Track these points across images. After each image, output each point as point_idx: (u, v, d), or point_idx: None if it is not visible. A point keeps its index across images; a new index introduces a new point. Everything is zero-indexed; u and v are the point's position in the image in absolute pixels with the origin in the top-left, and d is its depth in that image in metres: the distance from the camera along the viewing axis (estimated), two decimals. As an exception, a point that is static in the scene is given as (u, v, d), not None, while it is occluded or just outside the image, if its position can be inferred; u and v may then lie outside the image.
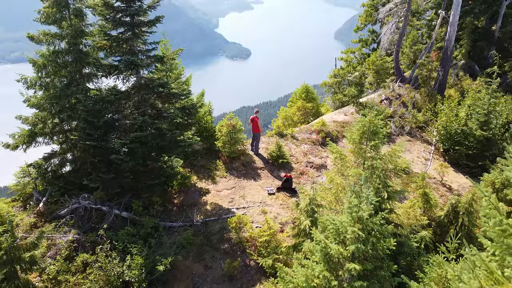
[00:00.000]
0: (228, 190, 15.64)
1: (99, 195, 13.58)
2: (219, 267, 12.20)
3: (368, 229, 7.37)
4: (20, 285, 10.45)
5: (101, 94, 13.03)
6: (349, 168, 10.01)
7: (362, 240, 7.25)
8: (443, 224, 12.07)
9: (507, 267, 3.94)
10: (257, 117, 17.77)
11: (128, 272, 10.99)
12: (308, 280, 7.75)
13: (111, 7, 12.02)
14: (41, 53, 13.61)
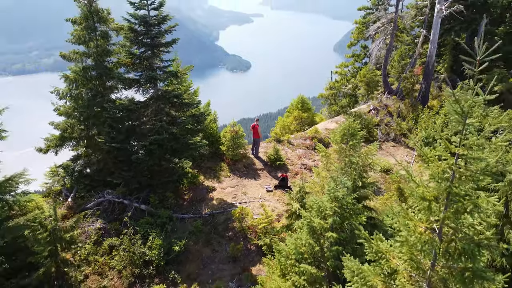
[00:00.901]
0: (231, 187, 17.86)
1: (121, 190, 15.80)
2: (225, 250, 14.35)
3: (343, 206, 9.55)
4: (60, 262, 12.60)
5: (125, 103, 15.31)
6: (332, 163, 12.24)
7: (338, 214, 9.43)
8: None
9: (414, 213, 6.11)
10: (257, 124, 20.10)
11: (149, 252, 13.15)
12: (297, 247, 9.91)
13: (135, 31, 14.39)
14: (73, 69, 15.85)
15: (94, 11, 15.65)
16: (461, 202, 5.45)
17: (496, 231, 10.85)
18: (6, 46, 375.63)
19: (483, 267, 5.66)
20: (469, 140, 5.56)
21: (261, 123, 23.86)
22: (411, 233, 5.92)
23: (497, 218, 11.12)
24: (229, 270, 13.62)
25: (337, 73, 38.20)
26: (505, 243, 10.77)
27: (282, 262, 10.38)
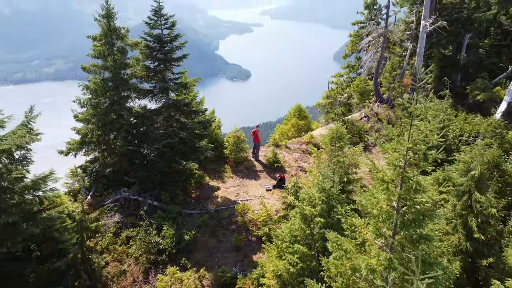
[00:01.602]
0: (234, 187, 19.75)
1: (136, 188, 17.67)
2: (229, 241, 16.20)
3: (330, 196, 11.42)
4: (85, 249, 14.45)
5: (140, 111, 17.27)
6: (323, 163, 14.15)
7: (325, 203, 11.31)
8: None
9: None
10: (257, 130, 22.06)
11: (163, 241, 14.99)
12: (291, 232, 11.77)
13: (150, 47, 16.40)
14: (94, 80, 17.79)
15: (113, 29, 17.65)
16: (410, 182, 7.33)
17: (462, 220, 12.79)
18: (7, 56, 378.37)
19: (427, 232, 7.52)
20: (414, 137, 7.43)
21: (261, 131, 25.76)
22: (374, 207, 7.79)
23: (462, 209, 12.99)
24: (233, 258, 15.46)
25: (333, 82, 40.20)
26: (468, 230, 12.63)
27: (279, 245, 12.24)
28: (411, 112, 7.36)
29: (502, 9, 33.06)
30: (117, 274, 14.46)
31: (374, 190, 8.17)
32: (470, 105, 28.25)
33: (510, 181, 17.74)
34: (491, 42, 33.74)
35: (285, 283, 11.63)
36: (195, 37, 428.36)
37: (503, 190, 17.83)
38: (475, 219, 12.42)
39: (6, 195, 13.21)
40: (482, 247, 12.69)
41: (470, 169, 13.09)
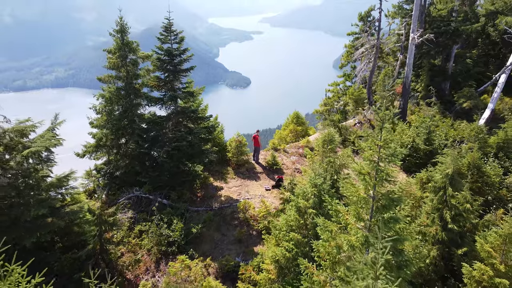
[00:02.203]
0: (236, 187, 21.46)
1: (147, 188, 19.36)
2: (232, 234, 17.87)
3: (321, 191, 13.12)
4: (103, 240, 16.12)
5: (151, 117, 19.03)
6: (315, 163, 15.87)
7: (316, 196, 13.01)
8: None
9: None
10: (257, 135, 23.81)
11: (172, 234, 16.66)
12: (287, 222, 13.45)
13: (161, 60, 18.20)
14: (109, 89, 19.56)
15: (126, 43, 19.44)
16: (382, 174, 9.04)
17: (438, 213, 14.47)
18: (8, 64, 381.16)
19: (396, 215, 9.21)
20: (384, 137, 9.14)
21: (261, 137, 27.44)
22: (354, 195, 9.50)
23: (439, 203, 14.68)
24: (236, 249, 17.13)
25: (330, 91, 42.03)
26: (443, 221, 14.30)
27: (277, 234, 13.94)
28: (381, 117, 9.06)
29: (490, 21, 34.91)
30: (132, 263, 16.12)
31: (354, 182, 9.89)
32: (458, 112, 29.98)
33: (488, 181, 19.48)
34: (479, 52, 35.69)
35: (282, 267, 13.30)
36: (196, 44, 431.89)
37: (482, 189, 19.60)
38: (450, 212, 14.11)
39: (34, 191, 14.90)
40: (456, 237, 14.34)
41: (445, 168, 14.79)
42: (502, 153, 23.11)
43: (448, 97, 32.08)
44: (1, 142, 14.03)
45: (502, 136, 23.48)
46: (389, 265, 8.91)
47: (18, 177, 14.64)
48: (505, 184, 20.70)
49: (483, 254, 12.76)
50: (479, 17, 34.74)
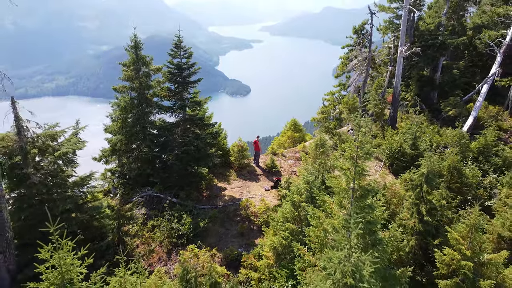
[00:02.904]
0: (238, 187, 23.55)
1: (158, 188, 21.45)
2: (235, 229, 19.92)
3: (312, 187, 15.21)
4: (122, 232, 18.19)
5: (162, 124, 21.19)
6: (309, 164, 17.98)
7: (308, 191, 15.10)
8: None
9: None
10: (258, 140, 25.98)
11: (182, 227, 18.71)
12: (283, 214, 15.53)
13: (171, 73, 20.41)
14: (124, 99, 21.73)
15: (140, 57, 21.65)
16: (359, 169, 11.14)
17: (416, 207, 16.53)
18: (9, 72, 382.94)
19: (370, 203, 11.28)
20: (360, 139, 11.24)
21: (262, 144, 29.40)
22: (337, 187, 11.59)
23: (416, 198, 16.75)
24: (238, 242, 19.17)
25: (326, 100, 44.25)
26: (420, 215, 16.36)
27: (274, 226, 16.02)
28: (358, 123, 11.17)
29: (477, 34, 37.11)
30: (146, 253, 18.17)
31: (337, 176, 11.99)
32: (444, 120, 32.17)
33: (466, 182, 21.60)
34: (466, 64, 37.93)
35: (279, 253, 15.36)
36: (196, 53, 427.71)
37: (461, 189, 21.71)
38: (425, 206, 16.19)
39: (61, 189, 17.00)
40: (431, 229, 16.39)
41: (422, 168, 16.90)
42: (482, 157, 25.27)
43: (436, 105, 34.28)
44: (35, 146, 16.18)
45: (482, 142, 25.65)
46: (364, 243, 10.98)
47: (47, 176, 16.77)
48: (482, 185, 22.85)
49: (453, 241, 14.79)
50: (467, 30, 37.06)
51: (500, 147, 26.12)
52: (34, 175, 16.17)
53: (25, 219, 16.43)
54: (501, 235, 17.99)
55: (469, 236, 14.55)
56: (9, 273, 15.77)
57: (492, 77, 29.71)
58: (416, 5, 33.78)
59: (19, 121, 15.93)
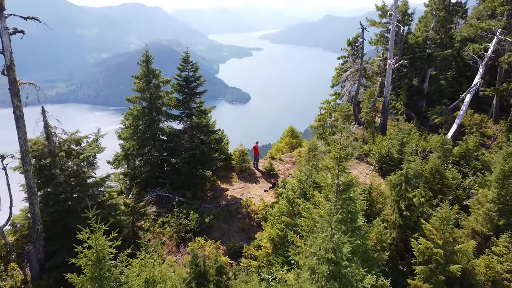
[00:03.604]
0: (239, 188, 25.78)
1: (167, 188, 23.67)
2: (236, 225, 22.12)
3: (305, 186, 17.45)
4: (136, 227, 20.38)
5: (171, 131, 23.49)
6: (303, 166, 20.24)
7: (301, 189, 17.34)
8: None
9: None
10: (257, 145, 28.28)
11: (189, 223, 20.90)
12: (279, 209, 17.77)
13: (180, 85, 22.76)
14: (137, 108, 24.01)
15: (151, 70, 23.96)
16: (341, 167, 13.38)
17: (396, 204, 18.75)
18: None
19: (351, 195, 13.50)
20: (342, 142, 13.50)
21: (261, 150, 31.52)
22: (324, 182, 13.83)
23: (397, 196, 18.97)
24: (240, 236, 21.36)
25: (323, 108, 46.55)
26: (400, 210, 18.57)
27: (271, 220, 18.25)
28: (339, 129, 13.44)
29: (464, 46, 39.45)
30: (158, 245, 20.33)
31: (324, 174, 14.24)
32: (432, 127, 34.47)
33: (447, 183, 23.81)
34: (454, 74, 40.32)
35: (276, 244, 17.57)
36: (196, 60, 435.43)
37: (443, 189, 23.91)
38: (404, 203, 18.42)
39: (82, 188, 19.20)
40: (410, 223, 18.60)
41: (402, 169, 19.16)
42: (463, 161, 27.52)
43: (424, 113, 36.62)
44: (62, 149, 18.42)
45: (464, 147, 27.93)
46: (346, 229, 13.20)
47: (71, 177, 18.98)
48: (462, 186, 25.07)
49: (427, 232, 16.98)
50: (455, 42, 39.47)
51: (480, 152, 28.39)
52: (60, 175, 18.39)
53: (51, 215, 18.55)
54: (474, 229, 20.17)
55: (441, 228, 16.74)
56: (38, 261, 17.96)
57: (474, 87, 32.08)
58: (405, 20, 36.21)
59: (48, 128, 18.12)
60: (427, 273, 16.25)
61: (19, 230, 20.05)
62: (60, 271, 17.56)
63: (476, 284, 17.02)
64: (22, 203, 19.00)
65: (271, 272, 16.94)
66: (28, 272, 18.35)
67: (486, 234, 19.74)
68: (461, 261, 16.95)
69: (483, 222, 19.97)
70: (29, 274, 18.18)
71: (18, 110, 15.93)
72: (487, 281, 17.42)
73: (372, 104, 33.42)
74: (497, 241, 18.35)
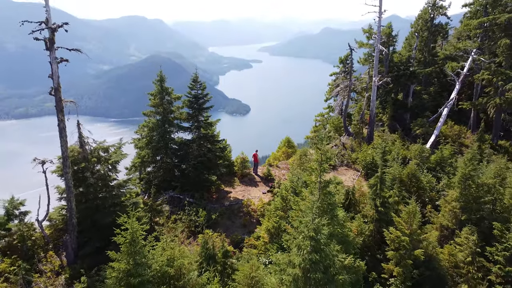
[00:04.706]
0: (241, 191, 29.37)
1: (178, 190, 27.25)
2: (239, 221, 25.66)
3: (297, 186, 21.02)
4: (153, 222, 23.89)
5: (182, 141, 27.17)
6: (295, 169, 23.85)
7: (293, 188, 20.91)
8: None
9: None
10: (257, 154, 31.93)
11: (198, 219, 24.42)
12: (275, 206, 21.32)
13: (190, 101, 26.51)
14: (152, 121, 27.68)
15: (164, 88, 27.69)
16: (322, 168, 16.97)
17: (373, 201, 22.31)
18: (10, 91, 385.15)
19: (331, 191, 17.06)
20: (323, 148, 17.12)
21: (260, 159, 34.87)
22: (310, 180, 17.40)
23: (373, 195, 22.51)
24: (241, 231, 24.88)
25: (317, 120, 50.38)
26: (376, 206, 22.10)
27: (268, 214, 21.79)
28: (321, 137, 17.04)
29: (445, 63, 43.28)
30: (178, 231, 23.83)
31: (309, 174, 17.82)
32: (414, 137, 38.09)
33: (422, 186, 27.34)
34: (436, 89, 44.15)
35: (272, 234, 21.09)
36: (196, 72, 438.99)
37: (419, 192, 27.42)
38: (379, 200, 21.98)
39: (108, 188, 22.74)
40: (385, 217, 22.12)
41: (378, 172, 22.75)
42: (438, 167, 31.10)
43: (408, 125, 40.31)
44: (93, 156, 22.03)
45: (439, 155, 31.53)
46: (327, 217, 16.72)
47: (99, 179, 22.54)
48: (436, 189, 28.59)
49: (397, 224, 20.50)
50: (437, 60, 43.31)
51: (454, 159, 32.00)
52: (90, 177, 21.95)
53: (82, 211, 22.06)
54: (442, 224, 23.65)
55: (409, 220, 20.24)
56: (73, 250, 21.46)
57: (451, 102, 35.83)
58: (389, 41, 40.15)
59: (81, 138, 21.72)
60: (397, 258, 19.69)
61: (54, 225, 23.57)
62: (91, 258, 21.20)
63: (439, 267, 20.44)
64: (56, 202, 22.55)
65: (268, 256, 20.45)
66: (64, 258, 21.84)
67: (451, 228, 23.13)
68: (427, 248, 20.36)
69: (449, 218, 23.41)
70: (65, 260, 21.66)
71: (62, 123, 19.48)
72: (450, 266, 20.83)
73: (360, 117, 37.13)
74: (460, 233, 21.73)
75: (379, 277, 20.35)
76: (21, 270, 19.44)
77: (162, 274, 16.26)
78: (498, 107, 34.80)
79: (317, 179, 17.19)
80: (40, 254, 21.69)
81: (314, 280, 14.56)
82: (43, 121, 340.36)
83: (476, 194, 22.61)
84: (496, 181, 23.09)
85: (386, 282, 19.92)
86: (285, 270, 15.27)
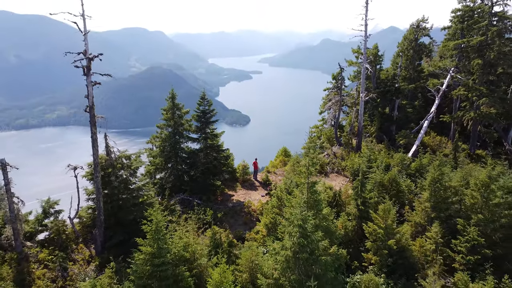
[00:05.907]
0: (242, 194, 33.31)
1: (188, 193, 31.16)
2: (241, 220, 29.55)
3: (290, 187, 24.94)
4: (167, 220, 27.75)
5: (191, 150, 31.20)
6: (289, 173, 27.80)
7: (287, 189, 24.83)
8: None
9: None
10: (256, 161, 35.93)
11: (206, 217, 28.28)
12: (271, 205, 25.22)
13: (198, 116, 30.59)
14: (164, 133, 31.70)
15: (176, 104, 31.75)
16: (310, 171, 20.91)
17: (355, 201, 26.25)
18: (11, 103, 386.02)
19: (317, 189, 20.96)
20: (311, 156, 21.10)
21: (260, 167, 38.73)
22: (299, 181, 21.33)
23: (355, 195, 26.38)
24: (243, 227, 28.73)
25: (312, 132, 54.39)
26: (358, 205, 25.97)
27: (265, 212, 25.70)
28: (309, 146, 20.97)
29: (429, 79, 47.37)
30: (193, 224, 27.69)
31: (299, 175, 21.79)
32: (399, 147, 42.06)
33: (401, 189, 31.21)
34: (421, 103, 48.22)
35: (269, 229, 24.96)
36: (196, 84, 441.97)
37: (397, 194, 31.27)
38: (360, 200, 25.88)
39: (129, 191, 26.64)
40: (365, 214, 25.97)
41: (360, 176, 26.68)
42: (418, 174, 34.99)
43: (394, 136, 44.32)
44: (117, 162, 25.98)
45: (418, 163, 35.46)
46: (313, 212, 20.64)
47: (121, 183, 26.44)
48: (413, 192, 32.43)
49: (375, 219, 24.36)
50: (422, 76, 47.44)
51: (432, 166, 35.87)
52: (115, 181, 25.87)
53: (107, 210, 25.87)
54: (416, 221, 27.47)
55: (384, 216, 24.10)
56: (100, 242, 25.29)
57: (430, 115, 39.92)
58: (376, 60, 44.40)
59: (108, 147, 25.70)
60: (374, 248, 23.46)
61: (83, 222, 27.44)
62: (116, 249, 25.00)
63: (411, 257, 24.15)
64: (84, 202, 26.41)
65: (266, 247, 24.30)
66: (92, 250, 25.69)
67: (423, 225, 26.87)
68: (401, 240, 24.06)
69: (422, 216, 27.17)
70: (94, 251, 25.51)
71: (94, 135, 23.48)
72: (420, 256, 24.53)
73: (350, 128, 41.19)
74: (430, 228, 25.49)
75: (361, 265, 23.89)
76: (59, 259, 23.35)
77: (180, 257, 20.10)
78: (474, 119, 38.83)
79: (306, 180, 21.07)
80: (72, 246, 25.52)
81: (302, 260, 18.27)
82: (43, 132, 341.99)
83: (444, 195, 26.26)
84: (462, 184, 26.95)
85: (366, 269, 23.53)
86: (279, 253, 19.00)
